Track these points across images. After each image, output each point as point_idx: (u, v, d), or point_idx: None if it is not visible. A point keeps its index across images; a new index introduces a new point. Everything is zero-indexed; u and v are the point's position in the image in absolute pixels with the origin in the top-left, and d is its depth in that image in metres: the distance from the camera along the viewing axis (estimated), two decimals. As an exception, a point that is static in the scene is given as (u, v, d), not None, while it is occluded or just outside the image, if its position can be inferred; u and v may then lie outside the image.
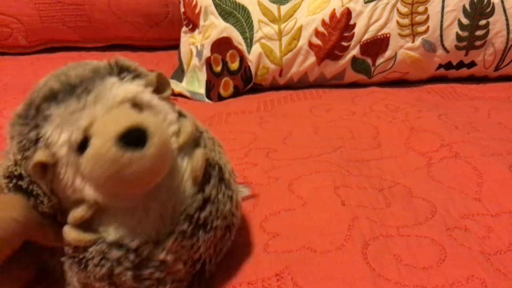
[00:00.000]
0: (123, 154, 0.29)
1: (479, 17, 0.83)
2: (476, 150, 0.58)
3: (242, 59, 0.86)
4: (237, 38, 0.86)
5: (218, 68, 0.87)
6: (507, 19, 0.83)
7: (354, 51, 0.84)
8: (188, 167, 0.35)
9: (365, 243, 0.42)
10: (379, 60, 0.85)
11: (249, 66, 0.86)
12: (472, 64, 0.87)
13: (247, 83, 0.88)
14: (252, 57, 0.85)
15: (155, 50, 1.17)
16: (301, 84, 0.89)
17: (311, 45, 0.84)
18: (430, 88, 0.85)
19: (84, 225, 0.33)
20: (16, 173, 0.33)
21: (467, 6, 0.82)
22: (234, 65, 0.86)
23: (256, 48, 0.85)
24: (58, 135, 0.31)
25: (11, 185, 0.33)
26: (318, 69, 0.86)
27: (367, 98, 0.80)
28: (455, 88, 0.85)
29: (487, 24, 0.83)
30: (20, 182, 0.33)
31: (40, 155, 0.31)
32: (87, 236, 0.33)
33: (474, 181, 0.52)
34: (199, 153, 0.36)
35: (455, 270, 0.39)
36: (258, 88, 0.89)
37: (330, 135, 0.65)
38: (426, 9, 0.83)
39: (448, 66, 0.87)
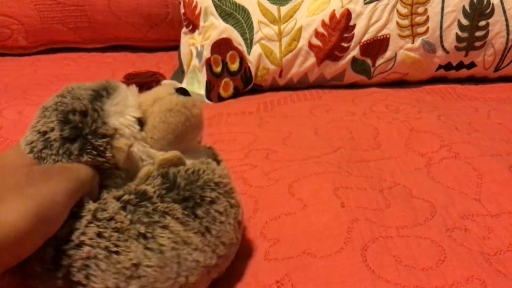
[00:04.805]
0: (186, 98, 0.35)
1: (478, 18, 0.83)
2: (476, 150, 0.58)
3: (242, 60, 0.86)
4: (237, 39, 0.86)
5: (218, 69, 0.87)
6: (506, 20, 0.83)
7: (354, 52, 0.84)
8: None
9: (364, 245, 0.42)
10: (379, 61, 0.85)
11: (249, 67, 0.86)
12: (472, 65, 0.87)
13: (247, 84, 0.88)
14: (252, 58, 0.85)
15: (155, 51, 1.17)
16: (301, 84, 0.89)
17: (311, 46, 0.84)
18: (430, 89, 0.86)
19: None
20: None
21: (467, 7, 0.83)
22: (234, 66, 0.86)
23: (256, 49, 0.85)
24: (120, 121, 0.33)
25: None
26: (318, 70, 0.86)
27: (367, 99, 0.80)
28: (455, 89, 0.85)
29: (487, 25, 0.83)
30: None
31: (123, 142, 0.33)
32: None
33: (474, 182, 0.52)
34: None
35: (455, 270, 0.39)
36: (258, 89, 0.89)
37: (330, 135, 0.65)
38: (426, 10, 0.83)
39: (448, 67, 0.87)
